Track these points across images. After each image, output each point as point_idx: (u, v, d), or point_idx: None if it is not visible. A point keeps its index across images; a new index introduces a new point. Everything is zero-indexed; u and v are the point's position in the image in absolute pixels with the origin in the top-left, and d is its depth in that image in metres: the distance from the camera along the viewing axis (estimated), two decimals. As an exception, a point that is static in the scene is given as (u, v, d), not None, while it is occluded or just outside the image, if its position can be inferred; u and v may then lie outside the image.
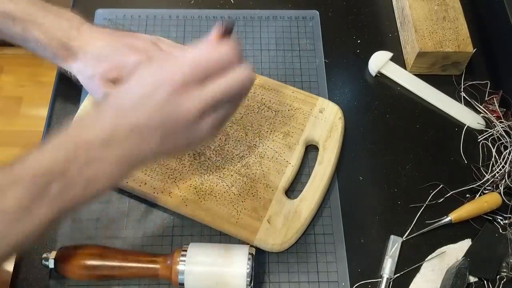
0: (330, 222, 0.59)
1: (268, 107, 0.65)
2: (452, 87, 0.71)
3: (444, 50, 0.67)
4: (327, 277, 0.56)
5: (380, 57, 0.71)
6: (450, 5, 0.71)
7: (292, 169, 0.60)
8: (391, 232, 0.59)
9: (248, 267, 0.52)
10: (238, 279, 0.51)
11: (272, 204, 0.58)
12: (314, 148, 0.64)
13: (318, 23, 0.75)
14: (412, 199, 0.62)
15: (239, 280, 0.51)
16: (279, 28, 0.74)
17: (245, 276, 0.51)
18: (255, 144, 0.62)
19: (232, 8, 0.76)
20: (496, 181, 0.62)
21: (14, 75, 1.70)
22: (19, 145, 1.57)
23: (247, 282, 0.51)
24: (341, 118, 0.64)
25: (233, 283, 0.51)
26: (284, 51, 0.72)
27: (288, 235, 0.56)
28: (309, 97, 0.66)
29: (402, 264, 0.57)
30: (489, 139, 0.66)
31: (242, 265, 0.52)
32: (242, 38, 0.73)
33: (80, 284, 0.54)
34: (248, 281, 0.51)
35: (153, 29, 0.73)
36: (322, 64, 0.71)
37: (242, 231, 0.56)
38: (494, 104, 0.68)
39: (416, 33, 0.69)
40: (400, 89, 0.71)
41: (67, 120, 0.64)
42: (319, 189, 0.59)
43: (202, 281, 0.52)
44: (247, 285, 0.51)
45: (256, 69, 0.70)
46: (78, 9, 0.74)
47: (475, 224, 0.60)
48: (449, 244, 0.59)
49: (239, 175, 0.60)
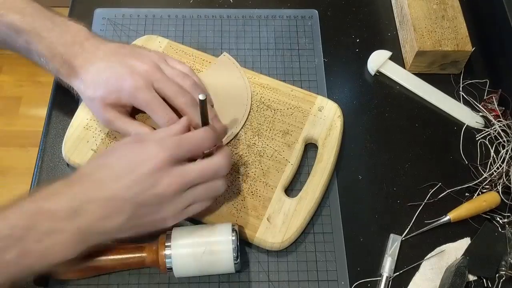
0: (329, 221, 0.59)
1: (267, 106, 0.65)
2: (451, 86, 0.71)
3: (443, 49, 0.68)
4: (326, 275, 0.56)
5: (379, 56, 0.72)
6: (449, 4, 0.72)
7: (292, 167, 0.61)
8: (390, 231, 0.59)
9: (233, 238, 0.52)
10: (225, 252, 0.51)
11: (272, 202, 0.58)
12: (313, 146, 0.64)
13: (317, 22, 0.75)
14: (411, 198, 0.62)
15: (226, 253, 0.51)
16: (278, 27, 0.74)
17: (231, 245, 0.51)
18: (254, 143, 0.62)
19: (231, 7, 0.76)
20: (494, 180, 0.62)
21: (13, 75, 1.70)
22: (18, 145, 1.57)
23: (234, 257, 0.51)
24: (340, 116, 0.64)
25: (221, 257, 0.51)
26: (283, 50, 0.72)
27: (288, 233, 0.56)
28: (308, 95, 0.66)
29: (401, 263, 0.57)
30: (487, 138, 0.66)
31: (227, 238, 0.52)
32: (241, 37, 0.73)
33: (79, 283, 0.54)
34: (234, 256, 0.51)
35: (152, 29, 0.73)
36: (321, 63, 0.71)
37: (242, 229, 0.56)
38: (493, 103, 0.68)
39: (415, 32, 0.69)
40: (399, 88, 0.71)
41: (66, 121, 0.64)
42: (318, 188, 0.59)
43: (190, 262, 0.51)
44: (234, 259, 0.51)
45: (255, 68, 0.70)
46: (77, 8, 0.75)
47: (474, 223, 0.60)
48: (448, 243, 0.59)
49: (238, 174, 0.60)
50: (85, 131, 0.61)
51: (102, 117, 0.57)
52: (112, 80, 0.55)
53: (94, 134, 0.61)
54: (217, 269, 0.53)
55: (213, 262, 0.52)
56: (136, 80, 0.55)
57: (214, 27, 0.74)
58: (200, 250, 0.51)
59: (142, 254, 0.52)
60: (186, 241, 0.52)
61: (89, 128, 0.62)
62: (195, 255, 0.51)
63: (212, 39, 0.73)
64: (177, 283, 0.55)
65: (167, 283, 0.55)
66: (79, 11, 0.74)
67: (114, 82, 0.55)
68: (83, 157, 0.60)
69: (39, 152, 0.63)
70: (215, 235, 0.52)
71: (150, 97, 0.55)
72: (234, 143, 0.62)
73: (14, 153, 1.56)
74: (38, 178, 0.61)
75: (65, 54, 0.56)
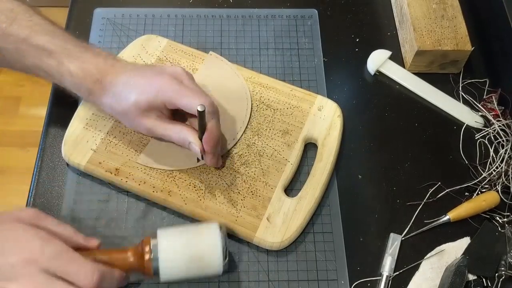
0: (329, 221, 0.60)
1: (267, 106, 0.65)
2: (451, 86, 0.71)
3: (442, 49, 0.68)
4: (326, 275, 0.56)
5: (379, 56, 0.72)
6: (449, 4, 0.72)
7: (291, 167, 0.61)
8: (390, 230, 0.59)
9: (220, 238, 0.50)
10: (212, 253, 0.50)
11: (272, 202, 0.58)
12: (313, 146, 0.64)
13: (317, 21, 0.75)
14: (411, 197, 0.62)
15: (214, 255, 0.50)
16: (277, 27, 0.74)
17: (219, 246, 0.50)
18: (254, 143, 0.62)
19: (231, 7, 0.76)
20: (493, 179, 0.62)
21: (12, 75, 1.69)
22: (18, 145, 1.57)
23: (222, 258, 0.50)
24: (339, 116, 0.64)
25: (208, 259, 0.50)
26: (282, 50, 0.72)
27: (288, 233, 0.56)
28: (307, 95, 0.66)
29: (401, 262, 0.57)
30: (487, 138, 0.66)
31: (214, 239, 0.50)
32: (240, 37, 0.73)
33: None
34: (222, 257, 0.50)
35: (151, 28, 0.73)
36: (321, 63, 0.72)
37: (242, 229, 0.56)
38: (492, 102, 0.68)
39: (414, 31, 0.69)
40: (399, 87, 0.71)
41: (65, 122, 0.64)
42: (318, 187, 0.59)
43: (176, 262, 0.50)
44: (222, 257, 0.50)
45: (255, 68, 0.70)
46: (77, 8, 0.75)
47: (474, 223, 0.60)
48: (448, 242, 0.59)
49: (238, 174, 0.60)
50: (85, 131, 0.61)
51: (143, 126, 0.57)
52: (142, 81, 0.55)
53: (94, 134, 0.61)
54: (205, 271, 0.51)
55: (200, 265, 0.50)
56: (163, 78, 0.55)
57: (213, 26, 0.74)
58: (187, 251, 0.50)
59: (127, 258, 0.50)
60: (172, 244, 0.50)
61: (88, 128, 0.62)
62: (182, 258, 0.50)
63: (212, 38, 0.73)
64: (177, 283, 0.55)
65: (167, 283, 0.55)
66: (79, 11, 0.74)
67: (143, 83, 0.55)
68: (82, 157, 0.60)
69: (39, 152, 0.63)
70: (202, 235, 0.51)
71: (178, 87, 0.55)
72: (232, 146, 0.62)
73: (14, 153, 1.56)
74: (37, 178, 0.61)
75: (97, 74, 0.55)
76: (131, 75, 0.56)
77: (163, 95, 0.55)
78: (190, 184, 0.59)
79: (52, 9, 1.39)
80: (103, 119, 0.62)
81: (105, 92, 0.56)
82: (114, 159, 0.60)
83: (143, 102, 0.55)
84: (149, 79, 0.56)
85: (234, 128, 0.63)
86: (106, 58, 0.57)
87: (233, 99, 0.65)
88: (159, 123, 0.57)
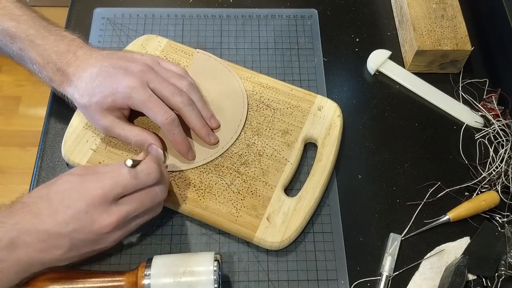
0: (329, 220, 0.60)
1: (266, 105, 0.65)
2: (451, 86, 0.71)
3: (442, 49, 0.68)
4: (326, 275, 0.56)
5: (379, 56, 0.72)
6: (449, 3, 0.72)
7: (291, 167, 0.61)
8: (389, 230, 0.59)
9: (214, 269, 0.50)
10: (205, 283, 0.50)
11: (271, 202, 0.58)
12: (313, 146, 0.64)
13: (317, 21, 0.75)
14: (411, 197, 0.62)
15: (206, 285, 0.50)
16: (277, 27, 0.74)
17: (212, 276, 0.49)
18: (254, 142, 0.62)
19: (230, 7, 0.76)
20: (493, 179, 0.62)
21: (12, 75, 1.70)
22: (18, 145, 1.57)
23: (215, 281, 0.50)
24: (339, 116, 0.64)
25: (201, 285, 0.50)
26: (282, 49, 0.72)
27: (288, 233, 0.56)
28: (307, 94, 0.66)
29: (400, 262, 0.57)
30: (486, 137, 0.66)
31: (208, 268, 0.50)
32: (240, 37, 0.73)
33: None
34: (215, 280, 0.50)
35: (151, 28, 0.73)
36: (321, 63, 0.72)
37: (242, 229, 0.56)
38: (492, 102, 0.68)
39: (414, 31, 0.69)
40: (399, 87, 0.71)
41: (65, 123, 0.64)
42: (318, 187, 0.59)
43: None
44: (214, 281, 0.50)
45: (255, 68, 0.70)
46: (77, 8, 0.75)
47: (474, 222, 0.60)
48: (448, 242, 0.59)
49: (238, 173, 0.60)
50: (85, 130, 0.61)
51: (100, 124, 0.57)
52: (106, 83, 0.55)
53: (94, 133, 0.61)
54: None
55: None
56: (130, 80, 0.54)
57: (213, 26, 0.74)
58: (181, 280, 0.50)
59: (121, 283, 0.50)
60: (167, 270, 0.50)
61: (88, 128, 0.62)
62: (175, 285, 0.50)
63: (212, 38, 0.73)
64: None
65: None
66: (79, 10, 0.74)
67: (108, 84, 0.54)
68: (82, 156, 0.60)
69: (39, 151, 0.63)
70: (197, 264, 0.51)
71: (146, 96, 0.55)
72: (233, 142, 0.62)
73: (14, 152, 1.56)
74: (37, 178, 0.61)
75: (58, 62, 0.55)
76: (95, 74, 0.55)
77: (126, 99, 0.55)
78: (190, 184, 0.59)
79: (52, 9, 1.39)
80: (103, 119, 0.62)
81: (69, 83, 0.56)
82: (114, 159, 0.60)
83: (105, 104, 0.55)
84: (114, 81, 0.55)
85: (233, 123, 0.63)
86: (69, 44, 0.56)
87: (228, 95, 0.65)
88: (118, 122, 0.57)
